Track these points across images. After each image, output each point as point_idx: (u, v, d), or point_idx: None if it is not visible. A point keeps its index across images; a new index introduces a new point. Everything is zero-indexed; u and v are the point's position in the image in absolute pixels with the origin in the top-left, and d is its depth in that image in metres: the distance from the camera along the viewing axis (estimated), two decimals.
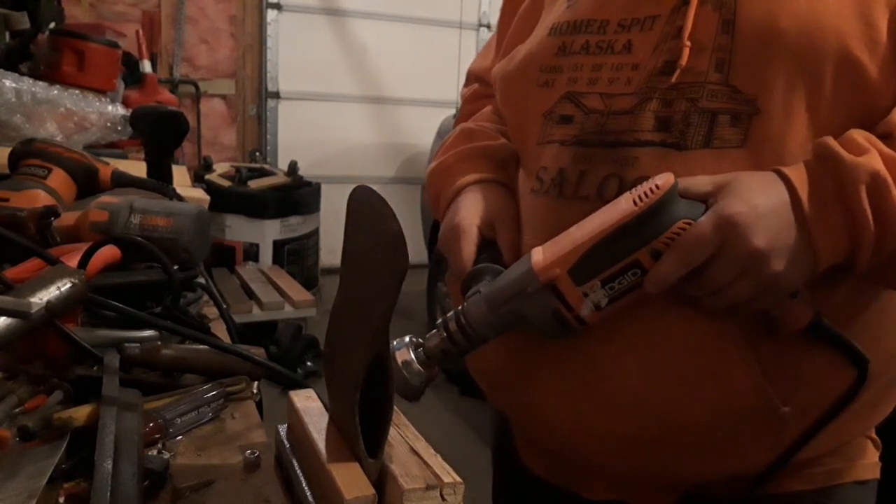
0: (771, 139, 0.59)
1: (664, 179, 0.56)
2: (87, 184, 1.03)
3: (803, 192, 0.55)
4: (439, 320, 0.63)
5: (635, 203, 0.55)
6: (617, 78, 0.66)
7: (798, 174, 0.56)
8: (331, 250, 3.94)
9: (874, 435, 0.73)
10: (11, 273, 0.73)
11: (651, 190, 0.55)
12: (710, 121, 0.61)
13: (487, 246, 0.70)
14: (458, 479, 0.45)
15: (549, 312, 0.58)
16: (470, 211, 0.73)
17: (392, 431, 0.51)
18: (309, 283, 3.57)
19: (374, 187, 0.51)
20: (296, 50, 4.46)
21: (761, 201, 0.55)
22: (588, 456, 0.69)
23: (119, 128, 1.64)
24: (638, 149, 0.62)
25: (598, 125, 0.66)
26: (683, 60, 0.61)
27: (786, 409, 0.60)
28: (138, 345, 0.69)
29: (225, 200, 3.36)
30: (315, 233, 3.78)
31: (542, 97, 0.71)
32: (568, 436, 0.68)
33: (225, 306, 0.94)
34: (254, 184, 3.52)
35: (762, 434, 0.62)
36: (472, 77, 0.96)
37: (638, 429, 0.63)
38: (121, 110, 1.66)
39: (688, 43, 0.61)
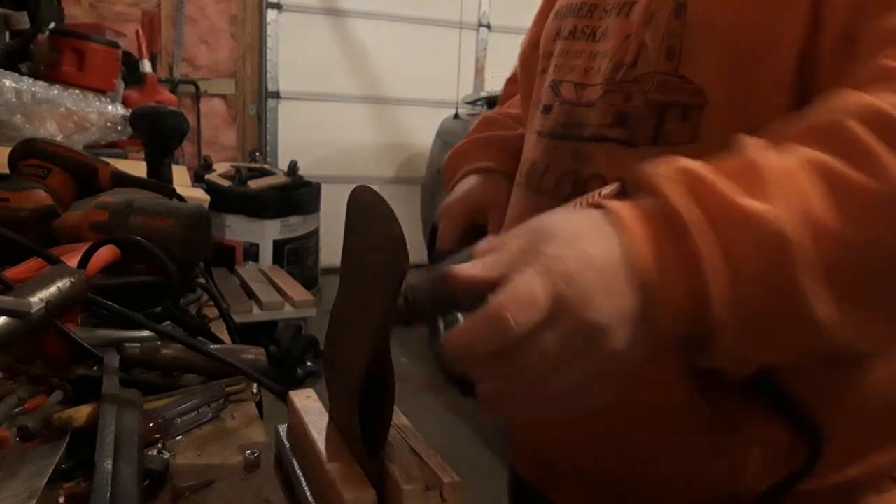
0: (723, 134, 0.49)
1: (611, 189, 0.48)
2: (87, 184, 1.03)
3: (637, 236, 0.41)
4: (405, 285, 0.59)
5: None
6: (591, 67, 0.63)
7: (628, 212, 0.42)
8: (331, 250, 3.94)
9: None
10: (11, 273, 0.73)
11: (587, 202, 0.48)
12: (660, 115, 0.56)
13: (476, 231, 0.70)
14: (458, 479, 0.45)
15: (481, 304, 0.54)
16: (464, 196, 0.73)
17: (392, 431, 0.51)
18: (309, 283, 3.57)
19: (374, 187, 0.51)
20: (296, 50, 4.46)
21: (595, 252, 0.40)
22: (555, 458, 0.68)
23: (119, 128, 1.64)
24: (595, 144, 0.60)
25: (568, 116, 0.63)
26: (630, 57, 0.58)
27: (731, 427, 0.55)
28: (138, 345, 0.69)
29: (225, 200, 3.36)
30: (315, 233, 3.78)
31: (539, 84, 0.70)
32: (535, 435, 0.67)
33: (225, 306, 0.94)
34: (254, 184, 3.52)
35: (716, 454, 0.58)
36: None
37: (589, 430, 0.61)
38: (121, 110, 1.66)
39: (640, 32, 0.57)
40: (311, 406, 0.56)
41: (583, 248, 0.40)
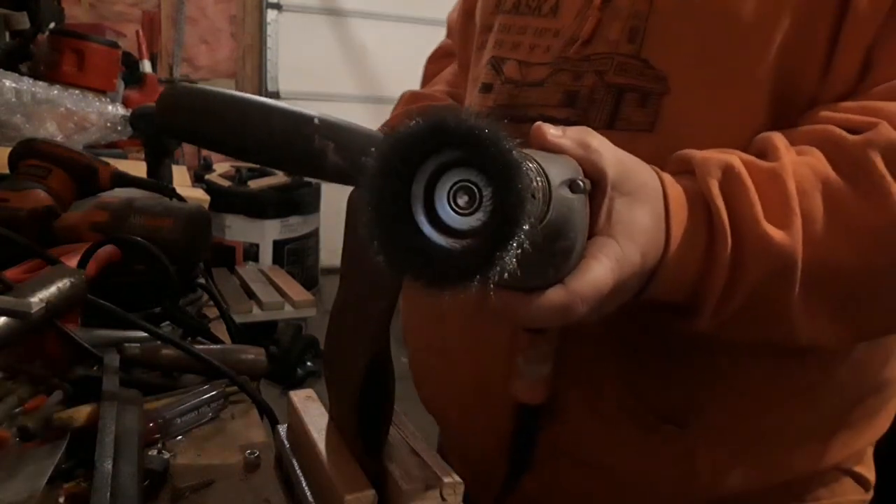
0: (683, 125, 0.51)
1: None
2: (87, 184, 1.03)
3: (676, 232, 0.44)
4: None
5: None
6: (538, 45, 0.58)
7: (677, 205, 0.45)
8: (331, 250, 3.94)
9: (860, 469, 0.63)
10: (11, 273, 0.73)
11: None
12: (616, 98, 0.53)
13: None
14: (458, 479, 0.45)
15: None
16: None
17: (392, 431, 0.50)
18: (309, 283, 3.57)
19: None
20: (296, 50, 4.46)
21: (650, 253, 0.44)
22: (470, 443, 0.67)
23: (119, 128, 1.63)
24: None
25: (511, 96, 0.59)
26: (585, 32, 0.54)
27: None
28: (138, 345, 0.69)
29: (225, 200, 3.36)
30: (315, 233, 3.78)
31: (475, 60, 0.66)
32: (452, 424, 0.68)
33: (225, 306, 0.93)
34: (254, 184, 3.52)
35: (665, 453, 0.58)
36: (448, 29, 0.86)
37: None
38: (121, 110, 1.66)
39: (597, 12, 0.54)
40: (311, 406, 0.56)
41: (640, 241, 0.43)
